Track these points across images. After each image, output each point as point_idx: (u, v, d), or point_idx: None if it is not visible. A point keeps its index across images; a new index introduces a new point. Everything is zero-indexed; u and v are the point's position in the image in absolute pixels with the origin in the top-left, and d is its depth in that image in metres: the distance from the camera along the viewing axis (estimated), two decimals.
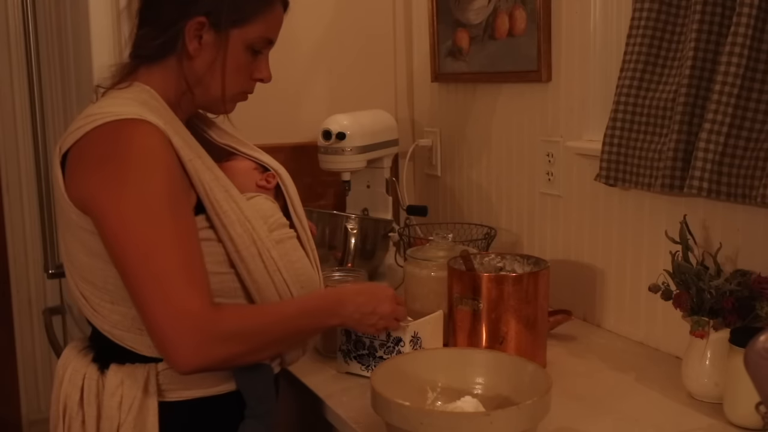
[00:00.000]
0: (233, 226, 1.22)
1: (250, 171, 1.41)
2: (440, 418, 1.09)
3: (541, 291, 1.49)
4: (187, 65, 1.27)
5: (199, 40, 1.25)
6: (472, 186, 2.17)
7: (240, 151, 1.43)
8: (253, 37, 1.28)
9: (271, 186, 1.41)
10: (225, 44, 1.26)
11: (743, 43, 1.31)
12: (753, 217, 1.39)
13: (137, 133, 1.16)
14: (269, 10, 1.29)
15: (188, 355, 1.12)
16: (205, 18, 1.24)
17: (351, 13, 2.34)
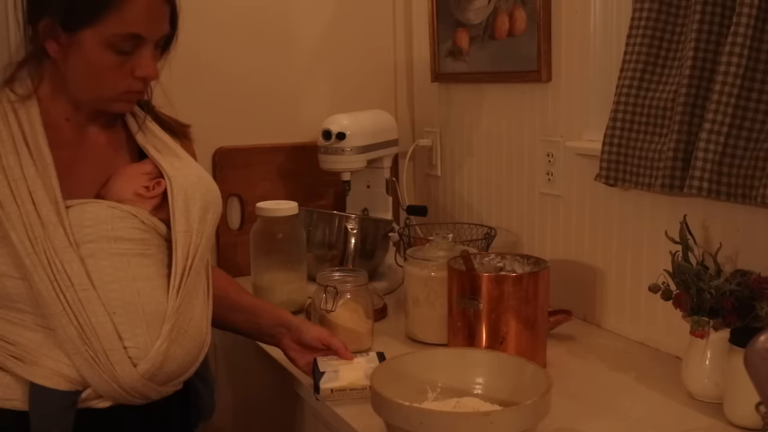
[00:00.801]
0: (15, 230, 1.15)
1: (135, 175, 1.30)
2: (440, 418, 1.09)
3: (541, 291, 1.49)
4: (61, 66, 1.23)
5: (57, 42, 1.21)
6: (472, 186, 2.17)
7: (150, 154, 1.32)
8: (109, 35, 1.18)
9: (149, 195, 1.28)
10: (80, 46, 1.19)
11: (743, 43, 1.31)
12: (753, 217, 1.39)
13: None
14: (125, 5, 1.18)
15: None
16: (51, 20, 1.19)
17: (351, 13, 2.34)
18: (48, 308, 1.15)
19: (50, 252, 1.15)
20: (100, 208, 1.22)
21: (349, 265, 1.91)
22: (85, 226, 1.19)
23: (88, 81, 1.23)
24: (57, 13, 1.18)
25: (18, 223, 1.15)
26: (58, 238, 1.16)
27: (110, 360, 1.17)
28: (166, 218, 1.26)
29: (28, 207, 1.16)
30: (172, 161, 1.32)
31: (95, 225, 1.20)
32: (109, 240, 1.20)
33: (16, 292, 1.16)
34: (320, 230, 1.98)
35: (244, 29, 2.18)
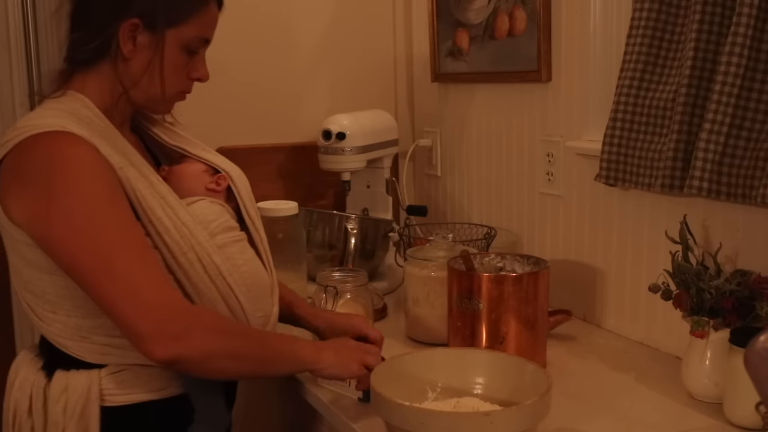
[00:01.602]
0: (168, 233, 1.22)
1: (199, 174, 1.39)
2: (440, 418, 1.09)
3: (541, 291, 1.49)
4: (122, 68, 1.26)
5: (134, 42, 1.24)
6: (472, 186, 2.17)
7: (190, 153, 1.41)
8: (189, 37, 1.27)
9: (221, 188, 1.39)
10: (161, 45, 1.25)
11: (743, 43, 1.31)
12: (753, 217, 1.39)
13: (60, 145, 1.16)
14: (204, 9, 1.27)
15: (167, 347, 1.12)
16: (138, 19, 1.22)
17: (351, 14, 2.34)
18: (204, 297, 1.25)
19: (198, 248, 1.24)
20: (208, 204, 1.34)
21: (349, 265, 1.91)
22: (210, 221, 1.31)
23: (155, 80, 1.27)
24: (146, 14, 1.22)
25: (170, 225, 1.22)
26: (200, 234, 1.26)
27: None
28: (234, 207, 1.39)
29: (167, 210, 1.23)
30: (212, 156, 1.42)
31: (216, 219, 1.32)
32: (227, 230, 1.33)
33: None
34: (320, 230, 1.98)
35: (244, 30, 2.18)
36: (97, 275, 1.13)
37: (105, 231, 1.14)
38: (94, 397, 1.21)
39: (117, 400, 1.23)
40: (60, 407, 1.21)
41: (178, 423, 1.26)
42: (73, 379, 1.22)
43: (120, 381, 1.22)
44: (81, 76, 1.27)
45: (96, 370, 1.22)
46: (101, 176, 1.17)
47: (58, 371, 1.23)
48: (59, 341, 1.23)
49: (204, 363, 1.17)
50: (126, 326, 1.13)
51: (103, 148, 1.18)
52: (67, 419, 1.21)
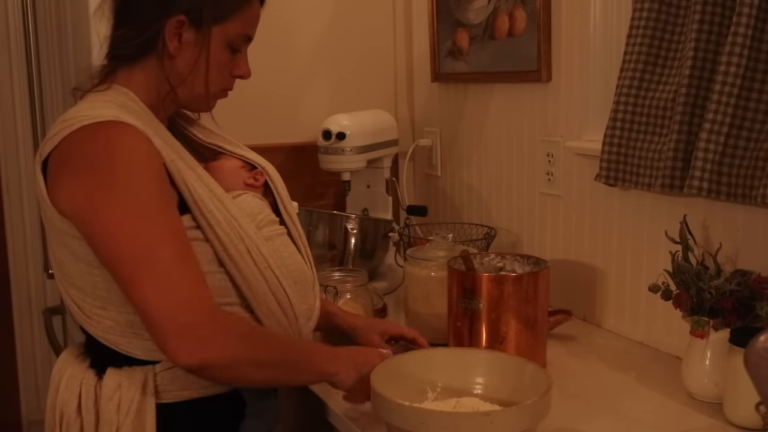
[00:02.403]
0: (219, 225, 1.22)
1: (237, 170, 1.41)
2: (440, 418, 1.09)
3: (541, 291, 1.49)
4: (168, 64, 1.25)
5: (179, 39, 1.24)
6: (472, 186, 2.17)
7: (226, 150, 1.42)
8: (233, 35, 1.27)
9: (259, 184, 1.41)
10: (206, 42, 1.25)
11: (743, 43, 1.31)
12: (753, 217, 1.39)
13: (116, 134, 1.15)
14: (247, 6, 1.28)
15: (192, 350, 1.11)
16: (184, 16, 1.22)
17: (351, 14, 2.34)
18: (254, 290, 1.25)
19: (247, 240, 1.25)
20: (251, 198, 1.35)
21: (349, 265, 1.91)
22: (256, 213, 1.32)
23: (199, 77, 1.27)
24: (192, 11, 1.22)
25: (221, 218, 1.23)
26: (248, 227, 1.26)
27: (299, 322, 1.32)
28: (270, 202, 1.40)
29: (217, 204, 1.24)
30: (247, 153, 1.44)
31: (261, 212, 1.34)
32: (272, 223, 1.35)
33: (219, 285, 1.23)
34: (320, 230, 1.99)
35: None
36: (135, 267, 1.12)
37: (150, 224, 1.14)
38: (150, 393, 1.20)
39: (171, 397, 1.22)
40: (114, 405, 1.20)
41: (231, 418, 1.27)
42: (127, 376, 1.21)
43: (174, 377, 1.21)
44: (125, 72, 1.27)
45: (150, 366, 1.21)
46: (154, 169, 1.17)
47: (110, 369, 1.22)
48: (109, 338, 1.22)
49: (229, 369, 1.16)
50: (153, 324, 1.11)
51: (155, 141, 1.19)
52: (121, 417, 1.19)
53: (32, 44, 2.47)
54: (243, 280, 1.24)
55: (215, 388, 1.24)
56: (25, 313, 2.91)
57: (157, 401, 1.20)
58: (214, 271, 1.22)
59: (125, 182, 1.14)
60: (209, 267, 1.22)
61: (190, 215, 1.21)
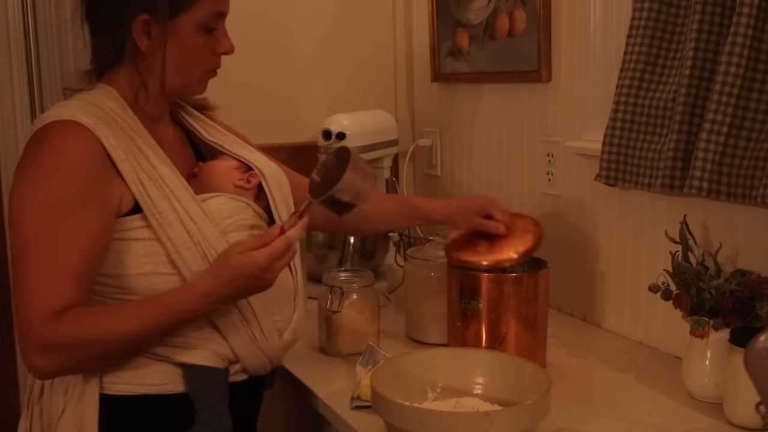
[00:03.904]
0: (171, 226, 1.21)
1: (229, 170, 1.38)
2: (440, 418, 1.09)
3: (541, 291, 1.49)
4: (144, 63, 1.26)
5: (149, 37, 1.24)
6: (472, 186, 2.17)
7: (226, 150, 1.41)
8: (203, 17, 1.25)
9: (250, 186, 1.37)
10: (176, 33, 1.24)
11: (743, 43, 1.31)
12: (753, 217, 1.39)
13: (57, 134, 1.18)
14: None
15: (32, 361, 1.13)
16: (147, 14, 1.22)
17: (351, 14, 2.34)
18: None
19: (204, 243, 1.22)
20: (226, 200, 1.31)
21: (349, 265, 1.91)
22: (225, 217, 1.28)
23: (181, 67, 1.27)
24: (153, 7, 1.21)
25: (174, 219, 1.21)
26: (208, 230, 1.24)
27: (265, 335, 1.28)
28: (264, 206, 1.37)
29: (175, 204, 1.22)
30: (248, 154, 1.41)
31: (231, 216, 1.29)
32: (244, 228, 1.31)
33: (167, 287, 1.20)
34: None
35: (244, 30, 2.16)
36: (15, 260, 1.14)
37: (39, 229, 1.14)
38: (93, 382, 1.22)
39: (116, 389, 1.23)
40: (62, 388, 1.23)
41: (178, 423, 1.25)
42: None
43: (119, 370, 1.22)
44: (110, 74, 1.28)
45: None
46: (85, 169, 1.17)
47: None
48: None
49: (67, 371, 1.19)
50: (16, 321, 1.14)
51: (108, 140, 1.19)
52: (67, 401, 1.23)
53: (32, 44, 2.47)
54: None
55: (161, 387, 1.24)
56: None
57: (102, 392, 1.22)
58: (166, 273, 1.21)
59: (42, 181, 1.16)
60: (161, 269, 1.21)
61: (142, 214, 1.21)
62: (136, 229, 1.20)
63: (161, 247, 1.21)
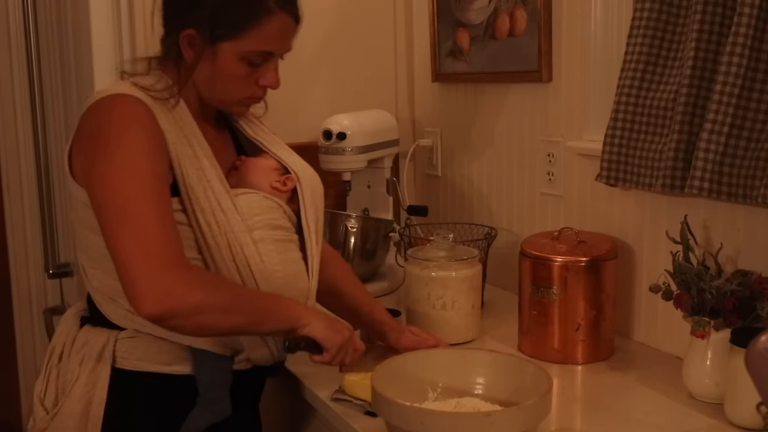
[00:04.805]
0: (203, 213, 1.27)
1: (269, 170, 1.43)
2: (441, 418, 1.09)
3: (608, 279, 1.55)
4: (187, 70, 1.32)
5: (194, 49, 1.30)
6: (473, 186, 2.17)
7: (267, 148, 1.47)
8: (246, 51, 1.31)
9: (285, 189, 1.42)
10: (216, 57, 1.30)
11: (744, 43, 1.31)
12: (754, 217, 1.39)
13: (119, 103, 1.25)
14: (262, 23, 1.30)
15: (155, 298, 1.14)
16: (194, 31, 1.28)
17: (351, 13, 2.34)
18: None
19: (230, 235, 1.29)
20: (259, 198, 1.37)
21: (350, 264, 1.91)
22: (254, 214, 1.34)
23: (217, 86, 1.34)
24: (201, 26, 1.28)
25: (206, 207, 1.27)
26: (236, 224, 1.30)
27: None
28: (295, 209, 1.42)
29: (209, 194, 1.28)
30: (287, 155, 1.48)
31: (261, 214, 1.35)
32: (272, 227, 1.36)
33: None
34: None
35: None
36: (115, 217, 1.18)
37: (135, 179, 1.19)
38: (108, 355, 1.29)
39: (127, 364, 1.30)
40: (78, 358, 1.31)
41: (181, 402, 1.30)
42: (93, 336, 1.32)
43: (133, 347, 1.29)
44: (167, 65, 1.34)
45: (115, 331, 1.30)
46: (148, 135, 1.24)
47: (87, 326, 1.34)
48: (96, 298, 1.33)
49: (193, 316, 1.18)
50: (123, 271, 1.16)
51: (162, 121, 1.26)
52: (81, 370, 1.30)
53: (32, 44, 2.47)
54: (217, 272, 1.29)
55: (170, 367, 1.30)
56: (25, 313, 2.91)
57: (114, 365, 1.29)
58: (192, 257, 1.27)
59: (116, 139, 1.22)
60: (189, 253, 1.27)
61: (178, 198, 1.27)
62: (175, 211, 1.26)
63: (191, 231, 1.27)
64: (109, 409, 1.28)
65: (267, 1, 1.30)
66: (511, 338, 1.65)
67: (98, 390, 1.28)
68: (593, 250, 1.55)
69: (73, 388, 1.30)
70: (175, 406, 1.31)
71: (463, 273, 1.64)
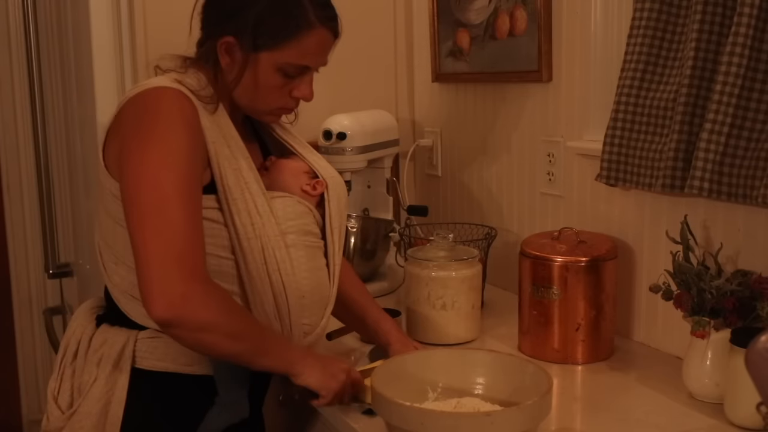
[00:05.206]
0: (239, 214, 1.27)
1: (299, 173, 1.43)
2: (441, 418, 1.09)
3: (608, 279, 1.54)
4: (221, 75, 1.32)
5: (231, 57, 1.30)
6: (473, 186, 2.17)
7: (296, 151, 1.47)
8: (283, 63, 1.31)
9: (315, 193, 1.42)
10: (253, 66, 1.30)
11: (744, 43, 1.31)
12: (754, 217, 1.39)
13: (164, 96, 1.24)
14: (302, 37, 1.30)
15: (169, 302, 1.13)
16: (234, 38, 1.29)
17: (351, 13, 2.33)
18: (255, 286, 1.29)
19: (264, 238, 1.29)
20: (293, 203, 1.37)
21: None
22: (289, 218, 1.34)
23: (251, 95, 1.34)
24: (242, 34, 1.28)
25: (243, 208, 1.27)
26: (270, 227, 1.30)
27: (292, 333, 1.34)
28: (321, 214, 1.42)
29: (246, 195, 1.28)
30: (317, 160, 1.48)
31: (296, 218, 1.36)
32: (304, 233, 1.37)
33: (225, 270, 1.28)
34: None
35: None
36: (146, 212, 1.16)
37: (173, 177, 1.18)
38: (128, 355, 1.28)
39: (146, 364, 1.29)
40: (96, 357, 1.30)
41: (199, 402, 1.30)
42: (112, 335, 1.30)
43: (153, 347, 1.28)
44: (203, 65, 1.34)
45: (135, 331, 1.29)
46: (189, 133, 1.23)
47: (104, 325, 1.33)
48: (114, 292, 1.31)
49: (199, 333, 1.18)
50: (142, 269, 1.15)
51: (203, 119, 1.25)
52: (100, 370, 1.28)
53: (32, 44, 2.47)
54: (247, 274, 1.28)
55: (189, 367, 1.29)
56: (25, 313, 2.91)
57: (134, 365, 1.28)
58: (224, 257, 1.27)
59: (157, 134, 1.20)
60: (221, 252, 1.27)
61: (215, 196, 1.27)
62: (208, 209, 1.25)
63: (225, 231, 1.27)
64: (128, 409, 1.27)
65: (309, 15, 1.30)
66: (511, 338, 1.65)
67: (118, 390, 1.27)
68: (593, 250, 1.55)
69: (92, 388, 1.28)
70: (193, 406, 1.30)
71: (463, 273, 1.64)
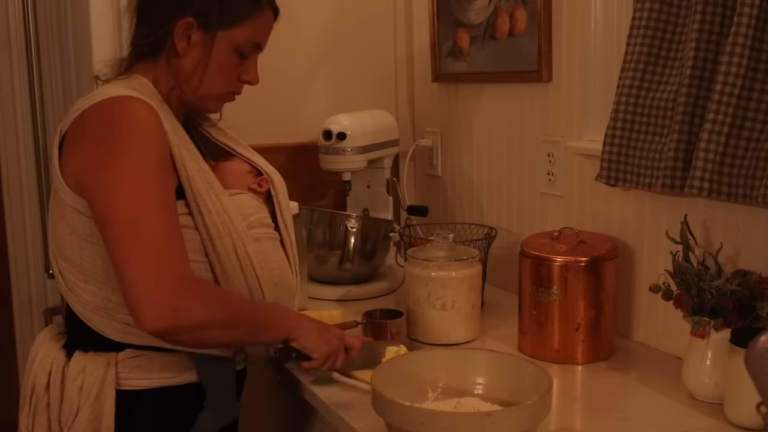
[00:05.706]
0: (210, 215, 1.27)
1: (243, 173, 1.46)
2: (441, 418, 1.09)
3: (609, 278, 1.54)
4: (175, 63, 1.31)
5: (188, 40, 1.30)
6: (473, 186, 2.17)
7: (237, 152, 1.48)
8: (241, 41, 1.32)
9: (263, 190, 1.45)
10: (211, 45, 1.30)
11: (744, 43, 1.31)
12: (754, 217, 1.39)
13: (128, 106, 1.21)
14: (259, 14, 1.33)
15: (160, 315, 1.13)
16: (194, 18, 1.28)
17: (351, 13, 2.34)
18: (231, 284, 1.30)
19: (235, 235, 1.30)
20: (250, 198, 1.40)
21: (349, 265, 1.91)
22: (250, 214, 1.37)
23: (204, 78, 1.32)
24: (201, 14, 1.28)
25: (213, 209, 1.28)
26: (239, 223, 1.32)
27: None
28: (270, 210, 1.45)
29: (212, 195, 1.29)
30: (257, 158, 1.49)
31: (255, 213, 1.38)
32: (265, 226, 1.40)
33: (200, 274, 1.27)
34: (321, 230, 1.98)
35: None
36: (124, 229, 1.15)
37: (146, 190, 1.18)
38: (110, 379, 1.25)
39: (131, 384, 1.27)
40: (76, 387, 1.26)
41: (189, 410, 1.30)
42: (90, 361, 1.27)
43: (135, 366, 1.27)
44: (143, 66, 1.33)
45: (113, 353, 1.27)
46: (159, 143, 1.22)
47: (78, 352, 1.28)
48: (85, 314, 1.27)
49: (197, 332, 1.19)
50: (129, 286, 1.14)
51: (165, 124, 1.25)
52: (82, 399, 1.25)
53: (32, 44, 2.47)
54: (223, 273, 1.29)
55: (177, 378, 1.29)
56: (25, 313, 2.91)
57: (118, 388, 1.26)
58: (197, 261, 1.27)
59: (128, 149, 1.19)
60: (194, 256, 1.26)
61: (184, 201, 1.26)
62: (180, 215, 1.25)
63: (197, 234, 1.27)
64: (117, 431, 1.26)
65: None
66: (511, 338, 1.65)
67: (105, 417, 1.25)
68: (593, 250, 1.55)
69: (77, 418, 1.25)
70: (184, 415, 1.30)
71: (463, 273, 1.64)
